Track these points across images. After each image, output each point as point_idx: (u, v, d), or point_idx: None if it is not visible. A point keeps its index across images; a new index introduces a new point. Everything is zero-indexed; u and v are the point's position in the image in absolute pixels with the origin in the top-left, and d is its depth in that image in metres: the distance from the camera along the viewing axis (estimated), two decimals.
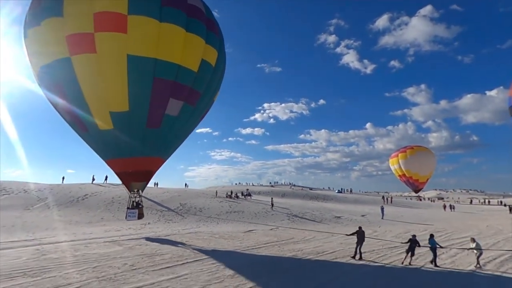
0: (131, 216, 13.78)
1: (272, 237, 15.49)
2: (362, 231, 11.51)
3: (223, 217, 22.43)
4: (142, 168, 13.15)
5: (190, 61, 11.98)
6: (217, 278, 8.24)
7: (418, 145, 42.22)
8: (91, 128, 12.06)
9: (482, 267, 9.91)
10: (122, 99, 11.22)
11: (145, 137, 12.34)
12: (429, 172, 39.71)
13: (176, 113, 12.48)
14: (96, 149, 13.09)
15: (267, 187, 64.06)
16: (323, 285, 7.77)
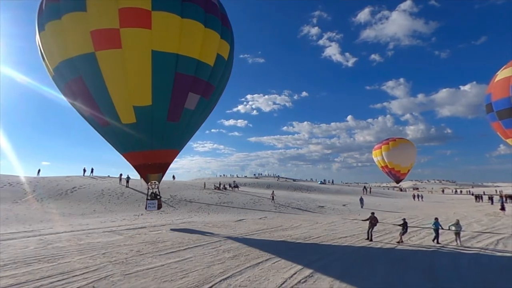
0: (151, 206, 14.48)
1: (262, 225, 16.64)
2: (375, 217, 13.12)
3: (213, 207, 23.37)
4: (160, 160, 13.75)
5: (208, 56, 12.51)
6: (219, 260, 9.24)
7: (400, 137, 44.42)
8: (113, 122, 12.37)
9: (461, 244, 12.01)
10: (146, 93, 11.64)
11: (165, 130, 12.89)
12: (410, 163, 42.15)
13: (194, 106, 13.05)
14: (115, 142, 13.47)
15: (252, 178, 65.31)
16: (312, 263, 8.95)
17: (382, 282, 7.52)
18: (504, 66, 22.71)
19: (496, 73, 23.32)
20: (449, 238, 13.09)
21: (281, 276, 7.78)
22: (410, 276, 7.93)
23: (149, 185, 14.49)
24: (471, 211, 26.01)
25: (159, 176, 14.37)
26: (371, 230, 12.99)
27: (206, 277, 7.53)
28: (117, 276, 7.42)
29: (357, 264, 9.05)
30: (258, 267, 8.55)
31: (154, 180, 14.30)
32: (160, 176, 14.44)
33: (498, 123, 22.44)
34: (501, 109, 21.62)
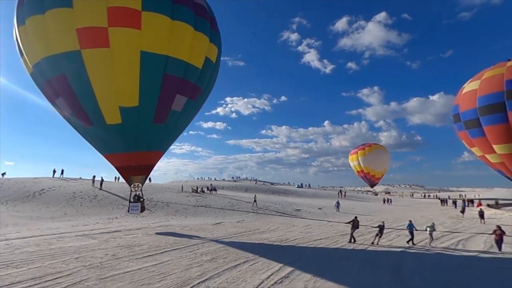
0: (134, 209, 14.12)
1: (239, 229, 16.79)
2: (357, 220, 13.93)
3: (191, 211, 23.18)
4: (144, 162, 13.51)
5: (197, 59, 12.52)
6: (197, 263, 9.30)
7: (375, 143, 46.38)
8: (97, 122, 12.01)
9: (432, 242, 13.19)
10: (133, 94, 11.42)
11: (152, 132, 12.71)
12: (384, 168, 44.14)
13: (181, 108, 12.96)
14: (98, 143, 13.07)
15: (230, 182, 65.19)
16: (288, 265, 9.25)
17: (354, 282, 7.96)
18: (471, 79, 24.42)
19: (463, 85, 25.03)
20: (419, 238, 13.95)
21: (258, 277, 8.01)
22: (379, 276, 8.44)
23: (132, 188, 14.20)
24: (437, 214, 27.69)
25: (142, 178, 14.13)
26: (353, 232, 13.65)
27: (184, 280, 7.60)
28: (92, 281, 7.30)
29: (331, 264, 9.47)
30: (236, 269, 8.72)
31: (137, 182, 14.02)
32: (143, 178, 14.20)
33: (464, 132, 24.05)
34: (467, 119, 23.23)
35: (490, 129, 21.66)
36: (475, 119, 22.38)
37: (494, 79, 21.77)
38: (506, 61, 22.54)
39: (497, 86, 21.23)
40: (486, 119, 21.73)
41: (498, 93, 21.05)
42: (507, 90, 20.63)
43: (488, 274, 8.87)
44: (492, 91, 21.45)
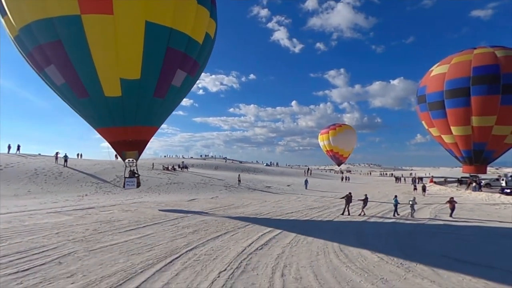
0: (130, 184, 13.93)
1: (215, 204, 17.46)
2: (350, 195, 15.31)
3: (164, 188, 23.28)
4: (140, 137, 13.23)
5: (198, 33, 12.24)
6: (181, 235, 9.84)
7: (344, 123, 48.63)
8: (94, 94, 11.40)
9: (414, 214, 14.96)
10: (136, 66, 10.93)
11: (151, 106, 12.40)
12: (351, 148, 46.77)
13: (180, 84, 12.74)
14: (92, 116, 12.44)
15: (199, 159, 64.99)
16: (265, 234, 10.17)
17: (323, 244, 9.09)
18: (439, 63, 25.94)
19: (431, 68, 26.62)
20: (374, 212, 15.70)
21: (240, 245, 8.79)
22: (346, 240, 9.67)
23: (126, 163, 13.97)
24: (392, 190, 30.66)
25: (137, 153, 13.84)
26: (348, 206, 15.18)
27: (172, 249, 8.13)
28: (81, 252, 7.54)
29: (303, 233, 10.54)
30: (219, 239, 9.42)
31: (131, 157, 13.78)
32: (137, 154, 13.90)
33: (427, 113, 25.99)
34: (433, 101, 24.96)
35: (452, 112, 23.66)
36: (440, 101, 24.25)
37: (462, 64, 23.55)
38: (473, 48, 24.62)
39: (464, 72, 23.05)
40: (450, 102, 23.66)
41: (464, 78, 22.91)
42: (474, 76, 22.58)
43: (433, 238, 10.54)
44: (459, 76, 23.23)
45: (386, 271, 6.94)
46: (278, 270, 6.75)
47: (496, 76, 21.81)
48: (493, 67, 22.11)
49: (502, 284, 6.30)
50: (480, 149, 23.70)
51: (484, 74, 22.16)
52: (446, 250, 8.74)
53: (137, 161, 14.31)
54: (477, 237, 10.72)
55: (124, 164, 14.23)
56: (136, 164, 14.39)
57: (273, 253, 8.09)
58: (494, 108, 21.96)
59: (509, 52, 23.02)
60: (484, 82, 22.10)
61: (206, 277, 6.21)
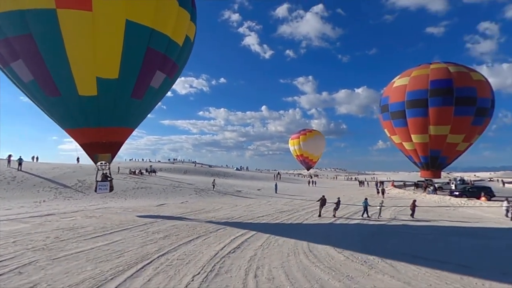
0: (103, 188, 13.29)
1: (185, 209, 17.20)
2: (325, 198, 16.29)
3: (130, 193, 22.40)
4: (115, 139, 12.68)
5: (179, 35, 12.13)
6: (151, 240, 9.63)
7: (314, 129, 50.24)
8: (66, 92, 10.74)
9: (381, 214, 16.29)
10: (114, 65, 10.52)
11: (128, 107, 11.98)
12: (320, 153, 48.42)
13: (158, 85, 12.50)
14: (63, 116, 11.62)
15: (167, 163, 63.20)
16: (238, 238, 10.30)
17: (294, 245, 9.43)
18: (400, 75, 28.07)
19: (393, 80, 28.69)
20: (341, 214, 16.51)
21: (213, 249, 8.83)
22: (314, 241, 10.10)
23: (98, 166, 13.33)
24: (356, 194, 32.29)
25: (109, 156, 13.26)
26: (321, 208, 16.04)
27: (142, 255, 7.96)
28: (43, 261, 7.12)
29: (274, 236, 10.83)
30: (191, 244, 9.38)
31: (103, 160, 13.16)
32: (110, 156, 13.31)
33: (389, 122, 27.89)
34: (395, 110, 26.87)
35: (412, 121, 25.65)
36: (401, 111, 26.23)
37: (421, 78, 25.68)
38: (429, 63, 26.96)
39: (422, 84, 25.15)
40: (410, 111, 25.65)
41: (423, 90, 24.99)
42: (431, 88, 24.71)
43: (392, 237, 11.38)
44: (418, 88, 25.29)
45: (352, 269, 7.42)
46: (251, 272, 6.93)
47: (450, 90, 24.10)
48: (447, 81, 24.42)
49: (453, 275, 7.03)
50: (436, 155, 25.91)
51: (440, 87, 24.39)
52: (404, 248, 9.51)
53: (110, 164, 13.75)
54: (431, 236, 11.76)
55: (96, 167, 13.61)
56: (109, 167, 13.84)
57: (245, 256, 8.25)
58: (448, 119, 24.19)
59: (460, 68, 25.61)
60: (439, 94, 24.30)
61: (180, 281, 6.21)
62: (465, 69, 25.67)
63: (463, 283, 6.62)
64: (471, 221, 15.33)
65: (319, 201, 16.45)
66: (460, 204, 22.19)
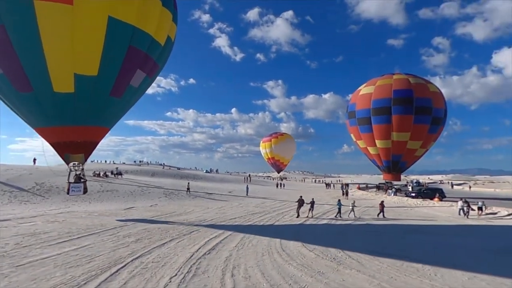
0: (76, 190, 12.65)
1: (155, 212, 16.82)
2: (302, 199, 17.08)
3: (95, 196, 21.30)
4: (89, 138, 12.13)
5: (161, 35, 12.00)
6: (122, 244, 9.40)
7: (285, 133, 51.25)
8: (40, 88, 10.13)
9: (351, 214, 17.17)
10: (93, 62, 10.10)
11: (106, 106, 11.56)
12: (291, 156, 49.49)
13: (137, 84, 12.23)
14: (34, 112, 10.85)
15: (133, 165, 60.75)
16: (212, 240, 10.39)
17: (267, 245, 9.74)
18: (366, 84, 29.78)
19: (359, 87, 30.33)
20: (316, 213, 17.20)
21: (188, 251, 8.86)
22: (286, 241, 10.48)
23: (70, 167, 12.62)
24: (323, 195, 33.60)
25: (82, 157, 12.61)
26: (299, 209, 16.68)
27: (115, 259, 7.78)
28: (6, 269, 6.71)
29: (248, 237, 11.07)
30: (165, 247, 9.30)
31: (76, 161, 12.52)
32: (83, 157, 12.68)
33: (356, 127, 29.46)
34: (361, 117, 28.47)
35: (376, 127, 27.40)
36: (367, 117, 27.93)
37: (385, 87, 27.55)
38: (392, 74, 29.00)
39: (387, 93, 27.01)
40: (375, 118, 27.39)
41: (387, 98, 26.84)
42: (394, 97, 26.63)
43: (358, 235, 12.16)
44: (383, 97, 27.11)
45: (322, 265, 7.89)
46: (228, 271, 7.11)
47: (411, 99, 26.21)
48: (408, 91, 26.53)
49: (411, 268, 7.77)
50: (397, 160, 27.91)
51: (402, 96, 26.44)
52: (369, 245, 10.24)
53: (83, 165, 13.14)
54: (392, 234, 12.76)
55: (68, 168, 12.94)
56: (82, 168, 13.23)
57: (221, 256, 8.39)
58: (409, 126, 26.24)
59: (419, 79, 27.97)
60: (401, 103, 26.32)
61: (157, 283, 6.21)
62: (423, 81, 28.08)
63: (419, 274, 7.37)
64: (426, 220, 16.79)
65: (297, 202, 17.20)
66: (416, 205, 24.09)
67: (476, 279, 7.17)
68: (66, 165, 13.01)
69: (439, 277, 7.25)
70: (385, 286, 6.49)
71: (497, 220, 17.35)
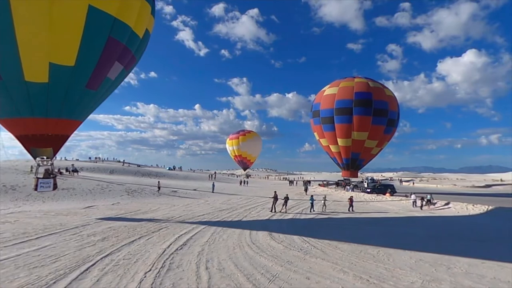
0: (45, 186, 11.96)
1: (118, 211, 16.22)
2: (277, 195, 18.21)
3: (49, 195, 19.77)
4: (61, 131, 11.38)
5: (140, 28, 11.72)
6: (88, 243, 9.08)
7: (252, 131, 51.57)
8: (9, 76, 9.45)
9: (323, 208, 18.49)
10: (71, 52, 9.56)
11: (81, 98, 11.02)
12: (258, 153, 50.00)
13: (114, 77, 11.86)
14: (1, 102, 9.84)
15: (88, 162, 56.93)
16: (182, 236, 10.45)
17: (237, 239, 10.08)
18: (330, 85, 31.24)
19: (324, 88, 31.73)
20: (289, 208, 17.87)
21: (159, 247, 8.86)
22: (256, 235, 10.92)
23: (39, 161, 11.83)
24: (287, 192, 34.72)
25: (51, 151, 11.80)
26: (274, 204, 17.67)
27: (83, 258, 7.56)
28: None
29: (218, 232, 11.30)
30: (134, 244, 9.18)
31: (44, 155, 11.73)
32: (52, 151, 11.87)
33: (320, 126, 30.83)
34: (325, 116, 29.92)
35: (339, 126, 29.00)
36: (331, 117, 29.45)
37: (347, 89, 29.24)
38: (353, 77, 30.82)
39: (349, 95, 28.71)
40: (338, 118, 28.97)
41: (349, 100, 28.53)
42: (355, 99, 28.38)
43: (321, 228, 13.02)
44: (345, 98, 28.78)
45: (290, 255, 8.45)
46: (202, 265, 7.32)
47: (370, 101, 28.22)
48: (368, 94, 28.51)
49: (367, 254, 8.65)
50: (356, 157, 29.87)
51: (362, 98, 28.35)
52: (331, 236, 11.08)
53: (52, 159, 12.38)
54: (351, 225, 13.86)
55: (36, 162, 12.18)
56: (52, 163, 12.48)
57: (193, 251, 8.55)
58: (367, 126, 28.22)
59: (377, 84, 30.19)
60: (361, 105, 28.22)
61: (132, 278, 6.23)
62: (380, 85, 30.38)
63: (375, 260, 8.26)
64: (380, 213, 18.41)
65: (272, 198, 18.13)
66: (371, 199, 26.14)
67: (422, 261, 8.25)
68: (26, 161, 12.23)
69: (391, 261, 8.20)
70: (346, 271, 7.20)
71: (439, 211, 19.62)
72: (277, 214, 16.71)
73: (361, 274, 7.03)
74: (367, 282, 6.56)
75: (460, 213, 18.79)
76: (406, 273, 7.26)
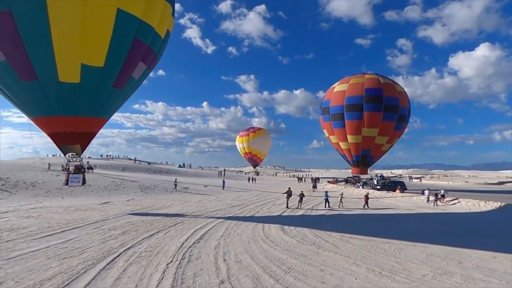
0: (75, 181, 12.52)
1: (134, 206, 16.77)
2: (291, 190, 18.55)
3: (67, 191, 20.56)
4: (89, 129, 12.08)
5: (162, 28, 12.24)
6: (110, 236, 9.55)
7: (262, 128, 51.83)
8: (45, 77, 9.94)
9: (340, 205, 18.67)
10: (101, 53, 10.09)
11: (109, 97, 11.62)
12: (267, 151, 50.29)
13: (138, 76, 12.39)
14: (35, 101, 10.55)
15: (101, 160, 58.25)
16: (198, 231, 10.84)
17: (251, 234, 10.42)
18: (339, 81, 31.21)
19: (333, 85, 31.74)
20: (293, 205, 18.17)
21: (178, 241, 9.26)
22: (269, 230, 11.23)
23: (69, 158, 12.53)
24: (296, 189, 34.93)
25: (79, 147, 12.51)
26: (288, 200, 18.13)
27: (108, 250, 8.00)
28: None
29: (232, 227, 11.68)
30: (153, 238, 9.62)
31: (74, 151, 12.43)
32: (79, 148, 12.57)
33: (329, 123, 30.85)
34: (335, 113, 29.93)
35: (349, 123, 29.00)
36: (341, 113, 29.46)
37: (358, 85, 29.20)
38: (363, 73, 30.75)
39: (359, 91, 28.66)
40: (348, 114, 28.97)
41: (359, 96, 28.49)
42: (366, 95, 28.32)
43: (332, 223, 13.24)
44: (356, 94, 28.72)
45: (304, 249, 8.73)
46: (220, 257, 7.68)
47: (380, 98, 28.10)
48: (378, 90, 28.39)
49: (379, 249, 8.87)
50: (366, 154, 29.85)
51: (372, 95, 28.24)
52: (342, 231, 11.31)
53: (80, 155, 13.12)
54: (361, 221, 14.05)
55: (66, 159, 12.86)
56: (81, 159, 13.26)
57: (210, 245, 8.92)
58: (378, 122, 28.15)
59: (387, 80, 29.98)
60: (372, 101, 28.13)
61: (156, 268, 6.62)
62: (391, 81, 30.18)
63: (386, 254, 8.47)
64: (391, 209, 18.50)
65: (286, 193, 18.57)
66: (381, 196, 26.15)
67: (433, 256, 8.41)
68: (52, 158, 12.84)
69: (403, 255, 8.39)
70: (359, 264, 7.45)
71: (451, 207, 19.57)
72: (288, 210, 16.99)
73: (373, 267, 7.27)
74: (380, 274, 6.80)
75: (472, 209, 18.71)
76: (417, 266, 7.46)
